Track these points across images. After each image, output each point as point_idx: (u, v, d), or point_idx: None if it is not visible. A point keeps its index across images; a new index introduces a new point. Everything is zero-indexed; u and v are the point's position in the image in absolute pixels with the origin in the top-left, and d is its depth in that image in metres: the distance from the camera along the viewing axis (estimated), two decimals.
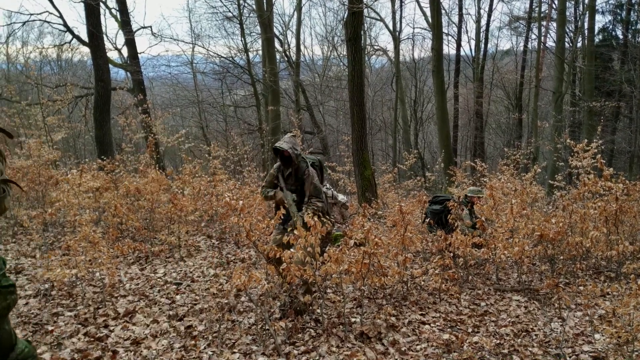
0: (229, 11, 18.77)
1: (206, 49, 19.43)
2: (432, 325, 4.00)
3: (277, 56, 18.80)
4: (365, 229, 3.84)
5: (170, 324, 3.90)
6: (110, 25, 48.02)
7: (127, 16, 14.17)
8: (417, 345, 3.62)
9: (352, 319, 4.02)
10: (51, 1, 13.15)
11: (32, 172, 7.37)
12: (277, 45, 19.65)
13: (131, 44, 14.43)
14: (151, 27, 27.13)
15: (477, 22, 23.21)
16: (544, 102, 21.47)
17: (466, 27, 38.33)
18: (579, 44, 19.28)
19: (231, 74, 19.22)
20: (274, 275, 4.09)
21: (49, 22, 14.63)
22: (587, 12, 16.89)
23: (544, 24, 20.04)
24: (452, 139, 18.11)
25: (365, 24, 21.91)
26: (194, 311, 4.19)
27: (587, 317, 4.19)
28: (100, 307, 4.20)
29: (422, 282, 5.00)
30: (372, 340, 3.65)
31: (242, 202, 3.55)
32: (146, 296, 4.55)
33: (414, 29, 42.47)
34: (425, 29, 26.88)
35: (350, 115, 9.31)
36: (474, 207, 6.14)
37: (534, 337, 3.83)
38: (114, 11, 15.39)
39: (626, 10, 19.19)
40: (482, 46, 22.85)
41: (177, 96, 21.30)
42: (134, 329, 3.80)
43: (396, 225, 4.79)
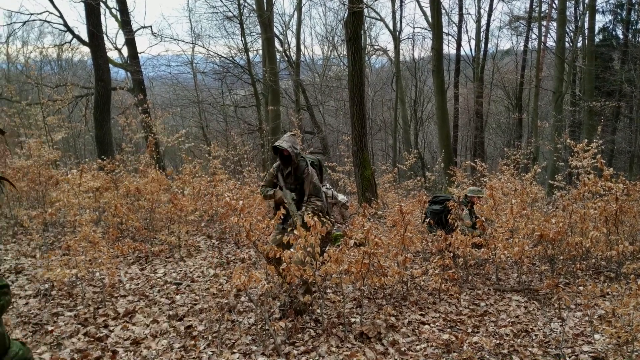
0: (229, 11, 18.79)
1: (206, 49, 19.45)
2: (431, 325, 4.00)
3: (277, 56, 18.81)
4: (365, 229, 3.84)
5: (170, 324, 3.90)
6: (110, 25, 48.12)
7: (127, 16, 14.17)
8: (416, 345, 3.62)
9: (352, 319, 4.02)
10: (51, 1, 13.15)
11: (32, 172, 7.38)
12: (277, 45, 19.68)
13: (131, 43, 14.43)
14: (151, 26, 27.14)
15: (477, 21, 23.23)
16: (544, 102, 21.46)
17: (466, 26, 38.47)
18: (579, 44, 19.28)
19: (231, 74, 19.20)
20: (273, 275, 4.09)
21: (49, 22, 14.66)
22: (588, 12, 16.89)
23: (544, 23, 20.04)
24: (452, 139, 18.11)
25: (365, 24, 21.94)
26: (194, 311, 4.19)
27: (587, 317, 4.19)
28: (100, 307, 4.21)
29: (422, 282, 5.00)
30: (371, 340, 3.65)
31: (242, 202, 3.55)
32: (146, 296, 4.56)
33: (414, 28, 42.59)
34: (425, 29, 26.94)
35: (350, 115, 9.30)
36: (474, 207, 6.14)
37: (534, 337, 3.83)
38: (114, 11, 15.41)
39: (626, 10, 19.18)
40: (482, 46, 22.86)
41: (177, 96, 21.29)
42: (134, 329, 3.80)
43: (396, 225, 4.79)
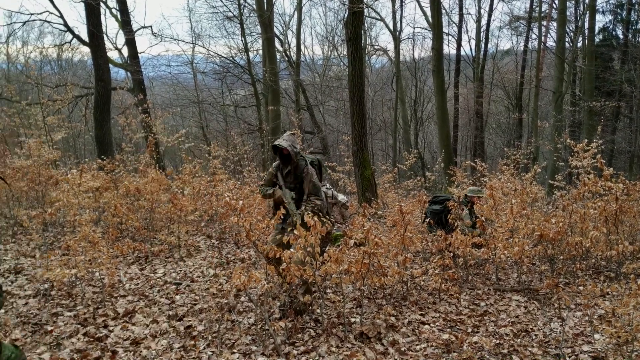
0: (230, 11, 18.79)
1: (206, 49, 19.45)
2: (431, 325, 4.00)
3: (278, 56, 18.81)
4: (365, 229, 3.84)
5: (169, 324, 3.90)
6: (110, 25, 48.01)
7: (127, 16, 14.16)
8: (416, 345, 3.62)
9: (352, 319, 4.02)
10: (51, 1, 13.15)
11: (32, 172, 7.37)
12: (277, 45, 19.67)
13: (131, 43, 14.43)
14: (151, 26, 27.10)
15: (478, 21, 23.22)
16: (544, 102, 21.45)
17: (466, 26, 38.50)
18: (579, 44, 19.28)
19: (231, 74, 19.20)
20: (273, 275, 4.09)
21: (49, 22, 14.62)
22: (588, 12, 16.88)
23: (544, 23, 20.04)
24: (452, 139, 18.11)
25: (365, 24, 21.94)
26: (194, 311, 4.19)
27: (587, 317, 4.19)
28: (99, 307, 4.20)
29: (422, 282, 5.00)
30: (371, 340, 3.65)
31: (242, 202, 3.55)
32: (146, 296, 4.56)
33: (414, 28, 42.44)
34: (425, 29, 26.95)
35: (350, 115, 9.30)
36: (474, 207, 6.14)
37: (534, 337, 3.83)
38: (114, 11, 15.40)
39: (626, 10, 19.17)
40: (483, 46, 22.86)
41: (177, 96, 21.29)
42: (134, 329, 3.80)
43: (396, 225, 4.78)
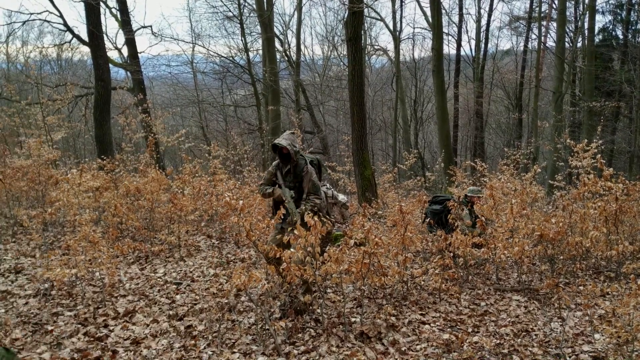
0: (229, 11, 18.79)
1: (206, 49, 19.47)
2: (432, 325, 4.00)
3: (278, 56, 18.80)
4: (365, 228, 3.84)
5: (170, 324, 3.90)
6: (110, 24, 48.06)
7: (127, 15, 14.16)
8: (417, 345, 3.62)
9: (352, 319, 4.02)
10: (51, 1, 13.12)
11: (32, 172, 7.37)
12: (277, 44, 19.67)
13: (131, 43, 14.42)
14: (151, 26, 27.00)
15: (478, 22, 23.24)
16: (544, 102, 21.44)
17: (466, 27, 38.48)
18: (579, 44, 19.28)
19: (231, 74, 19.20)
20: (274, 275, 4.09)
21: (49, 22, 14.62)
22: (587, 12, 16.88)
23: (544, 24, 20.04)
24: (452, 139, 18.09)
25: (365, 24, 21.94)
26: (194, 311, 4.19)
27: (587, 317, 4.19)
28: (100, 306, 4.20)
29: (422, 282, 5.00)
30: (372, 340, 3.65)
31: (242, 202, 3.55)
32: (146, 296, 4.56)
33: (414, 28, 42.45)
34: (425, 29, 26.94)
35: (350, 115, 9.30)
36: (473, 207, 6.14)
37: (534, 337, 3.83)
38: (114, 10, 15.39)
39: (626, 10, 19.15)
40: (482, 46, 22.87)
41: (177, 96, 21.27)
42: (134, 329, 3.80)
43: (396, 225, 4.78)
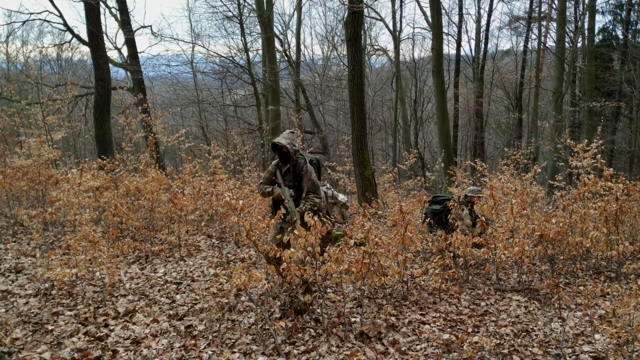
0: (229, 11, 18.78)
1: (206, 49, 19.48)
2: (432, 325, 4.00)
3: (277, 56, 18.80)
4: (365, 228, 3.84)
5: (170, 324, 3.90)
6: (110, 24, 48.08)
7: (127, 15, 14.16)
8: (417, 345, 3.62)
9: (352, 319, 4.02)
10: (51, 0, 13.12)
11: (32, 172, 7.37)
12: (277, 44, 19.67)
13: (131, 43, 14.42)
14: (151, 26, 27.01)
15: (477, 22, 23.24)
16: (544, 102, 21.44)
17: (466, 27, 38.44)
18: (579, 44, 19.28)
19: (231, 74, 19.19)
20: (274, 274, 4.09)
21: (48, 22, 14.63)
22: (587, 12, 16.89)
23: (544, 24, 20.04)
24: (452, 139, 18.09)
25: (365, 24, 21.93)
26: (194, 311, 4.19)
27: (587, 317, 4.19)
28: (100, 306, 4.21)
29: (422, 282, 5.00)
30: (372, 340, 3.65)
31: (242, 202, 3.56)
32: (146, 296, 4.56)
33: (414, 28, 42.56)
34: (425, 29, 26.93)
35: (350, 114, 9.30)
36: (473, 207, 6.14)
37: (534, 337, 3.83)
38: (113, 10, 15.38)
39: (626, 10, 19.15)
40: (482, 46, 22.87)
41: (177, 96, 21.27)
42: (134, 329, 3.80)
43: (396, 225, 4.79)
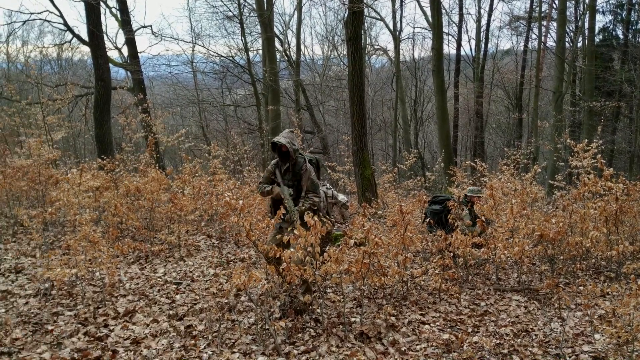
0: (229, 10, 18.79)
1: (206, 49, 19.50)
2: (432, 325, 4.00)
3: (278, 56, 18.80)
4: (365, 228, 3.84)
5: (170, 324, 3.90)
6: (110, 24, 48.04)
7: (127, 15, 14.16)
8: (417, 345, 3.62)
9: (352, 319, 4.02)
10: (51, 0, 13.12)
11: (32, 172, 7.37)
12: (277, 44, 19.67)
13: (131, 43, 14.42)
14: (151, 26, 26.99)
15: (478, 21, 23.23)
16: (544, 102, 21.43)
17: (466, 26, 38.54)
18: (580, 44, 19.27)
19: (231, 74, 19.20)
20: (274, 274, 4.09)
21: (49, 21, 14.64)
22: (588, 12, 16.88)
23: (544, 23, 20.03)
24: (452, 139, 18.09)
25: (365, 24, 21.94)
26: (194, 311, 4.19)
27: (587, 317, 4.19)
28: (100, 306, 4.21)
29: (422, 282, 5.00)
30: (372, 340, 3.65)
31: (242, 202, 3.56)
32: (146, 296, 4.56)
33: (414, 28, 42.74)
34: (425, 29, 26.95)
35: (350, 114, 9.30)
36: (473, 206, 6.14)
37: (534, 337, 3.83)
38: (114, 10, 15.39)
39: (627, 10, 19.14)
40: (483, 46, 22.86)
41: (177, 95, 21.28)
42: (134, 329, 3.80)
43: (396, 225, 4.78)
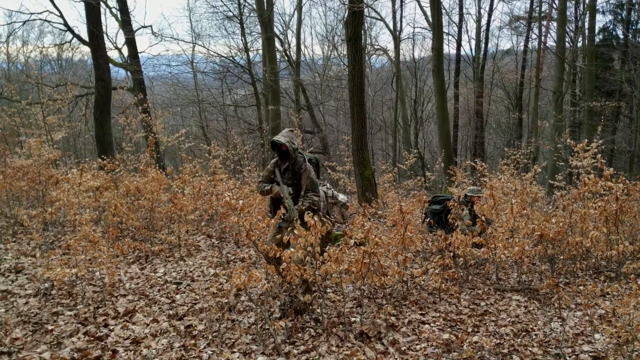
0: (230, 10, 18.80)
1: (206, 49, 19.50)
2: (432, 324, 4.00)
3: (278, 56, 18.80)
4: (365, 228, 3.84)
5: (170, 324, 3.90)
6: (110, 24, 48.05)
7: (127, 15, 14.16)
8: (417, 344, 3.62)
9: (352, 319, 4.02)
10: (51, 0, 13.13)
11: (32, 172, 7.37)
12: (277, 44, 19.67)
13: (131, 43, 14.43)
14: (151, 26, 27.03)
15: (478, 21, 23.22)
16: (544, 102, 21.42)
17: (466, 26, 38.57)
18: (580, 44, 19.26)
19: (231, 74, 19.20)
20: (274, 274, 4.09)
21: (49, 22, 14.63)
22: (588, 12, 16.87)
23: (545, 23, 20.02)
24: (452, 139, 18.10)
25: (365, 24, 21.93)
26: (194, 310, 4.19)
27: (587, 317, 4.19)
28: (100, 306, 4.21)
29: (422, 282, 5.00)
30: (372, 339, 3.65)
31: (242, 202, 3.56)
32: (146, 295, 4.56)
33: (414, 28, 42.77)
34: (425, 29, 26.94)
35: (350, 114, 9.31)
36: (473, 206, 6.14)
37: (534, 336, 3.83)
38: (114, 10, 15.39)
39: (627, 10, 19.13)
40: (483, 46, 22.86)
41: (178, 95, 21.27)
42: (134, 329, 3.80)
43: (396, 225, 4.79)
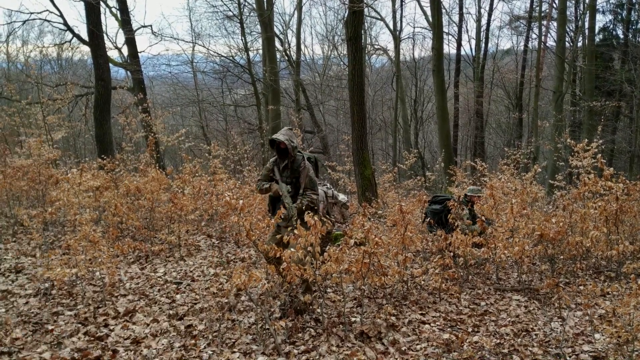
0: (230, 10, 18.82)
1: (206, 48, 19.51)
2: (432, 324, 4.00)
3: (278, 55, 18.81)
4: (365, 228, 3.84)
5: (170, 323, 3.90)
6: (110, 24, 48.08)
7: (127, 15, 14.16)
8: (417, 344, 3.62)
9: (352, 319, 4.02)
10: (51, 0, 13.12)
11: (32, 171, 7.37)
12: (277, 44, 19.68)
13: (131, 42, 14.42)
14: (151, 26, 27.04)
15: (478, 21, 23.21)
16: (545, 102, 21.41)
17: (467, 26, 38.59)
18: (580, 44, 19.25)
19: (231, 73, 19.20)
20: (274, 274, 4.09)
21: (49, 21, 14.65)
22: (588, 12, 16.87)
23: (545, 23, 20.01)
24: (452, 139, 18.10)
25: (365, 23, 21.93)
26: (194, 310, 4.19)
27: (587, 317, 4.19)
28: (100, 306, 4.21)
29: (422, 282, 5.00)
30: (372, 339, 3.66)
31: (242, 202, 3.55)
32: (146, 295, 4.56)
33: (414, 28, 42.90)
34: (425, 28, 26.94)
35: (350, 114, 9.31)
36: (473, 206, 6.14)
37: (534, 336, 3.83)
38: (114, 10, 15.38)
39: (627, 9, 19.12)
40: (483, 45, 22.84)
41: (177, 95, 21.27)
42: (134, 328, 3.80)
43: (396, 224, 4.79)
